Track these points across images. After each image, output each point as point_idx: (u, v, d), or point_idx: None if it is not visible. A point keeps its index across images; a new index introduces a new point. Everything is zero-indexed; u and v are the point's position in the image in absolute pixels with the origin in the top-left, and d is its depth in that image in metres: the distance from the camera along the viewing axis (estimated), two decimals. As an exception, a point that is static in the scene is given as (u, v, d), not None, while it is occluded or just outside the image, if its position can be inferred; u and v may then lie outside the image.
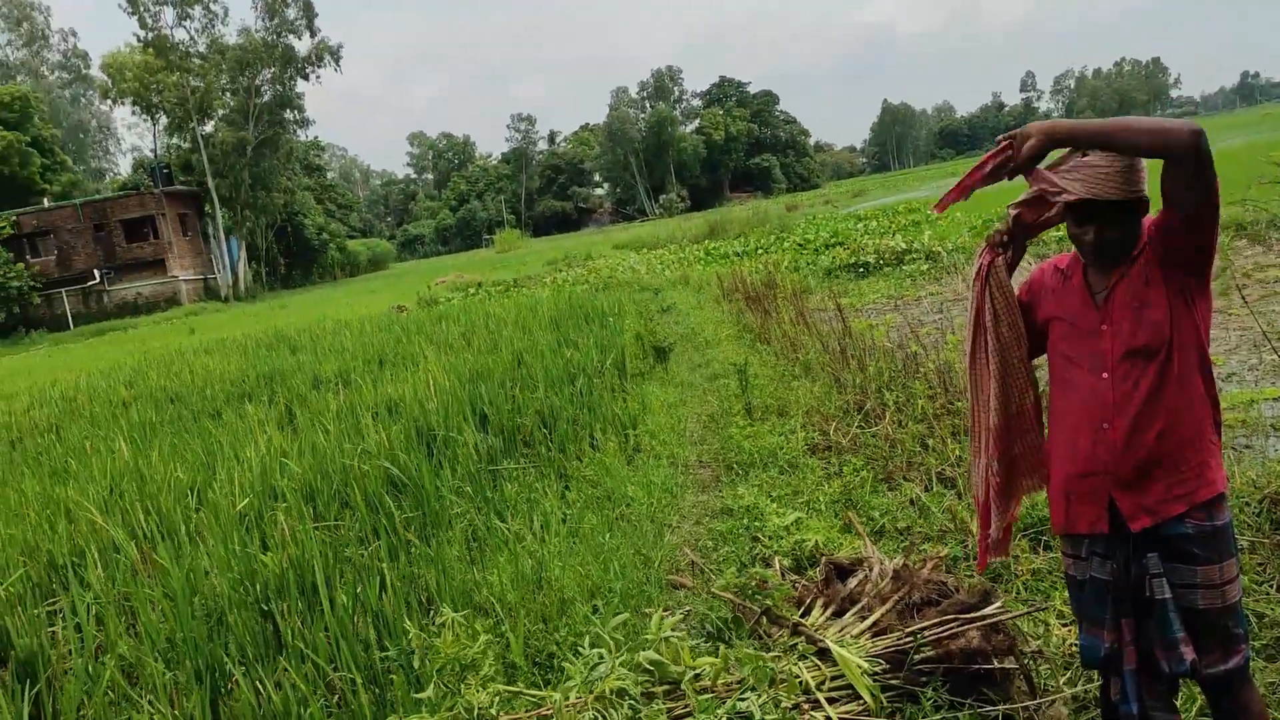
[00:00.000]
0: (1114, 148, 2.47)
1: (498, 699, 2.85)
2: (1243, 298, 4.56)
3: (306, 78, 59.16)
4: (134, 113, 57.68)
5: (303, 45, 59.99)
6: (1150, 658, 2.59)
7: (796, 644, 3.50)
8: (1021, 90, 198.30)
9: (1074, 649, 3.83)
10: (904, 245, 19.52)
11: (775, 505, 5.75)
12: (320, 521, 6.00)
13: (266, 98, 57.97)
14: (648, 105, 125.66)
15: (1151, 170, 2.59)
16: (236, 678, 3.86)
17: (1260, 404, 6.63)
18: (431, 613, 4.71)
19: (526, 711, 2.84)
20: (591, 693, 2.65)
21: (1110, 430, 2.59)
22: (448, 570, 5.06)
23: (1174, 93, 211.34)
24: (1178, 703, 2.89)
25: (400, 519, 5.94)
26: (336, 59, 59.37)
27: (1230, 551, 2.53)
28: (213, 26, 56.77)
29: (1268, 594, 3.88)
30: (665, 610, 4.72)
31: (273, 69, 57.68)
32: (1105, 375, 2.60)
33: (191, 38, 56.56)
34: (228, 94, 57.47)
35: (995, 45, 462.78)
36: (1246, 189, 14.11)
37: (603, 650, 3.11)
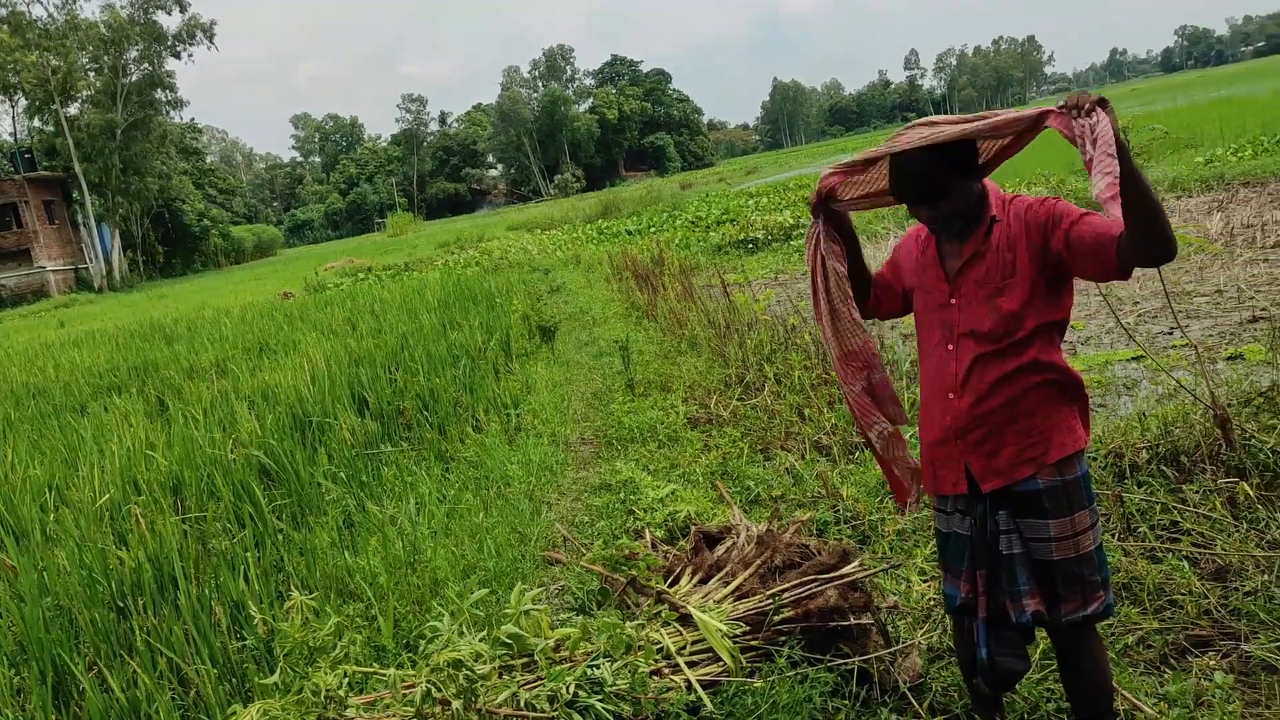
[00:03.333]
0: (1134, 189, 2.17)
1: (347, 680, 2.80)
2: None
3: (178, 56, 56.63)
4: (-10, 94, 54.50)
5: (172, 21, 57.47)
6: (1001, 608, 2.69)
7: (660, 611, 3.53)
8: (906, 68, 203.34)
9: (932, 603, 3.98)
10: (792, 221, 19.83)
11: (651, 479, 5.79)
12: (186, 514, 5.81)
13: (135, 77, 55.25)
14: (540, 85, 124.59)
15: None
16: (78, 677, 3.72)
17: (1114, 365, 6.95)
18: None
19: (381, 691, 2.80)
20: (428, 665, 2.63)
21: (956, 400, 2.65)
22: (318, 556, 4.96)
23: (1048, 69, 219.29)
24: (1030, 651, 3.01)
25: (270, 507, 5.81)
26: (210, 36, 57.00)
27: (1082, 503, 2.59)
28: (74, 2, 53.95)
29: (1109, 543, 4.07)
30: (540, 586, 4.74)
31: (140, 46, 55.01)
32: (951, 348, 2.66)
33: (50, 14, 53.72)
34: (92, 74, 54.61)
35: (881, 24, 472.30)
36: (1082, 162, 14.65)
37: (461, 626, 3.09)
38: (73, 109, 54.49)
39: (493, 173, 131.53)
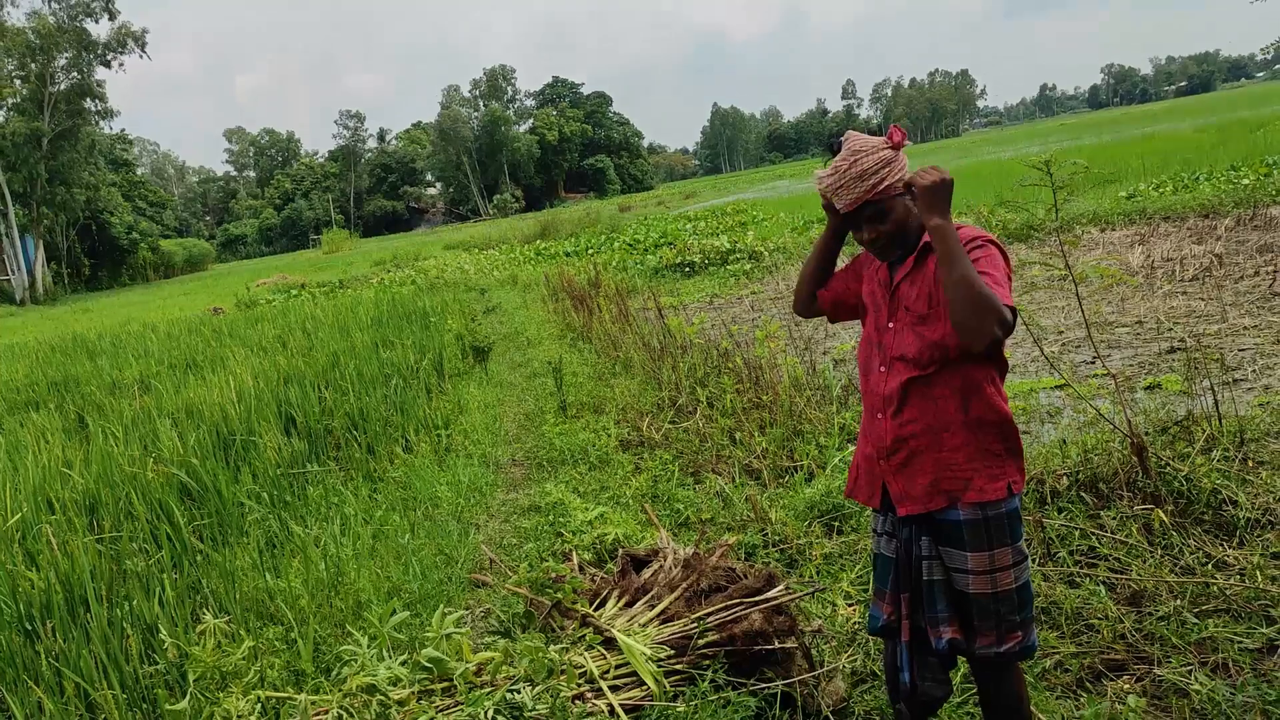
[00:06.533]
0: (947, 270, 2.41)
1: (260, 706, 2.72)
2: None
3: (108, 65, 55.20)
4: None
5: (102, 29, 56.04)
6: (923, 632, 2.70)
7: (585, 635, 3.51)
8: (843, 97, 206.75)
9: (857, 627, 4.01)
10: (729, 245, 19.97)
11: (581, 501, 5.75)
12: (102, 534, 5.63)
13: (63, 86, 53.78)
14: (481, 104, 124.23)
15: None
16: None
17: (1038, 393, 7.10)
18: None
19: (294, 718, 2.73)
20: (340, 690, 2.57)
21: (883, 419, 2.67)
22: (238, 578, 4.84)
23: (980, 103, 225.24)
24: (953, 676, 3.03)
25: (190, 527, 5.65)
26: (141, 45, 55.65)
27: (1004, 541, 2.57)
28: (0, 8, 52.43)
29: (1029, 567, 4.13)
30: (465, 609, 4.68)
31: (69, 54, 53.58)
32: (883, 369, 2.68)
33: (-27, 21, 52.06)
34: (18, 80, 53.01)
35: (819, 54, 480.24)
36: (1013, 195, 15.07)
37: (381, 649, 3.03)
38: (-3, 116, 52.93)
39: (431, 191, 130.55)
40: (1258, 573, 3.72)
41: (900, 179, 2.61)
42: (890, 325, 2.68)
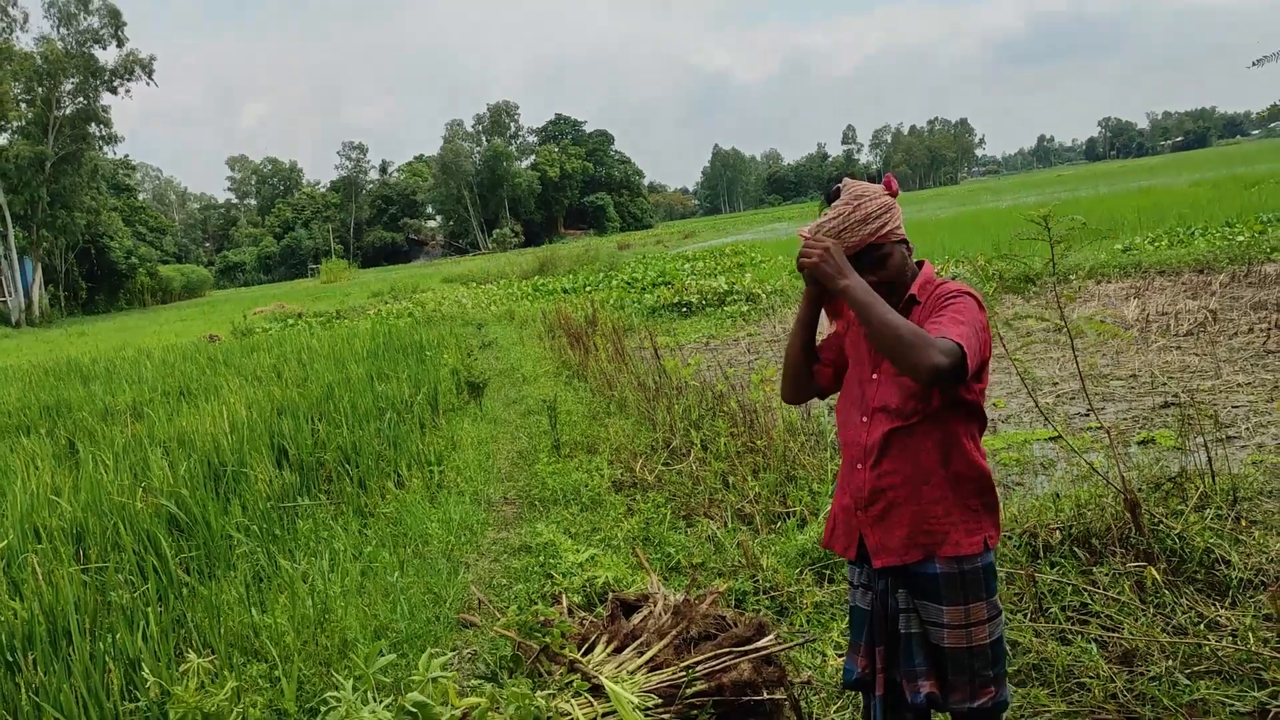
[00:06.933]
0: (865, 325, 2.47)
1: (241, 749, 2.69)
2: (1005, 349, 4.86)
3: (115, 91, 55.51)
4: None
5: (109, 56, 56.42)
6: (898, 687, 2.69)
7: (572, 681, 3.48)
8: (843, 142, 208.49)
9: (846, 678, 3.97)
10: (726, 287, 20.06)
11: (572, 542, 5.72)
12: (88, 564, 5.58)
13: (69, 110, 54.06)
14: (484, 139, 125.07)
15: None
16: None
17: (1032, 444, 7.10)
18: (204, 656, 4.45)
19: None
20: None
21: (862, 470, 2.67)
22: (223, 612, 4.79)
23: (979, 152, 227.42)
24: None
25: (177, 559, 5.61)
26: (149, 72, 56.06)
27: (979, 595, 2.58)
28: (10, 32, 52.80)
29: (1021, 623, 4.11)
30: (452, 650, 4.63)
31: (76, 80, 53.93)
32: (865, 420, 2.68)
33: (-16, 43, 52.39)
34: (24, 104, 53.29)
35: (820, 99, 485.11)
36: (1010, 247, 15.17)
37: (366, 692, 3.00)
38: (1, 139, 53.13)
39: (431, 224, 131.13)
40: (1250, 634, 3.70)
41: (898, 226, 2.65)
42: (874, 377, 2.69)
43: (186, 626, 4.73)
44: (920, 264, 2.75)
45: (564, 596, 4.69)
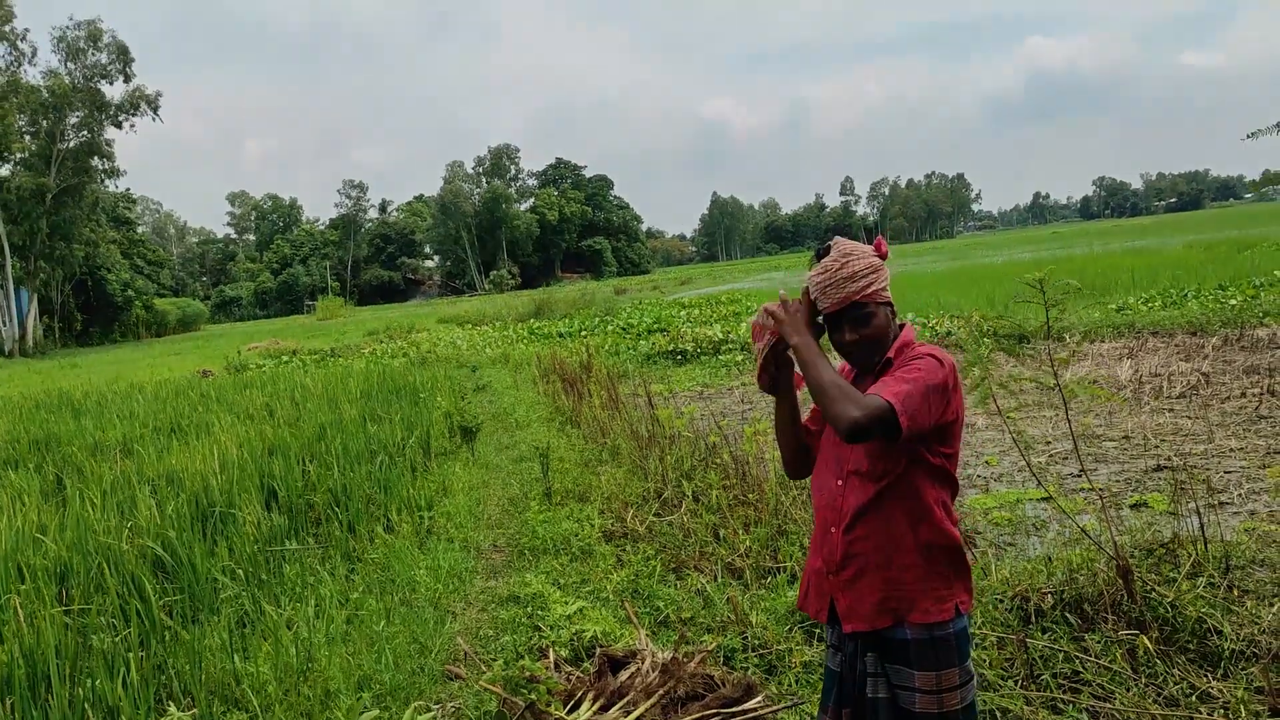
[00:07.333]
0: (805, 381, 2.58)
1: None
2: (998, 408, 4.87)
3: (120, 125, 55.85)
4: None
5: (116, 91, 56.74)
6: None
7: (557, 741, 3.43)
8: (841, 194, 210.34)
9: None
10: (721, 335, 20.10)
11: (561, 594, 5.68)
12: (70, 604, 5.52)
13: (72, 143, 54.36)
14: (484, 181, 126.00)
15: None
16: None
17: (1025, 504, 7.08)
18: (184, 705, 4.39)
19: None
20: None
21: (835, 534, 2.69)
22: (205, 659, 4.73)
23: (975, 207, 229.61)
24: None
25: (161, 603, 5.54)
26: (154, 108, 56.50)
27: (952, 662, 2.57)
28: (18, 66, 53.22)
29: (1012, 690, 4.07)
30: (437, 703, 4.57)
31: (81, 113, 54.26)
32: (839, 482, 2.71)
33: (-9, 74, 52.73)
34: (28, 136, 53.59)
35: (819, 150, 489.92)
36: (1005, 306, 15.24)
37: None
38: (4, 170, 53.34)
39: (429, 263, 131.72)
40: (1241, 707, 3.67)
41: (884, 287, 2.69)
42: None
43: (167, 673, 4.67)
44: (902, 326, 2.78)
45: (551, 650, 4.64)
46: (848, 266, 2.63)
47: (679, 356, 19.07)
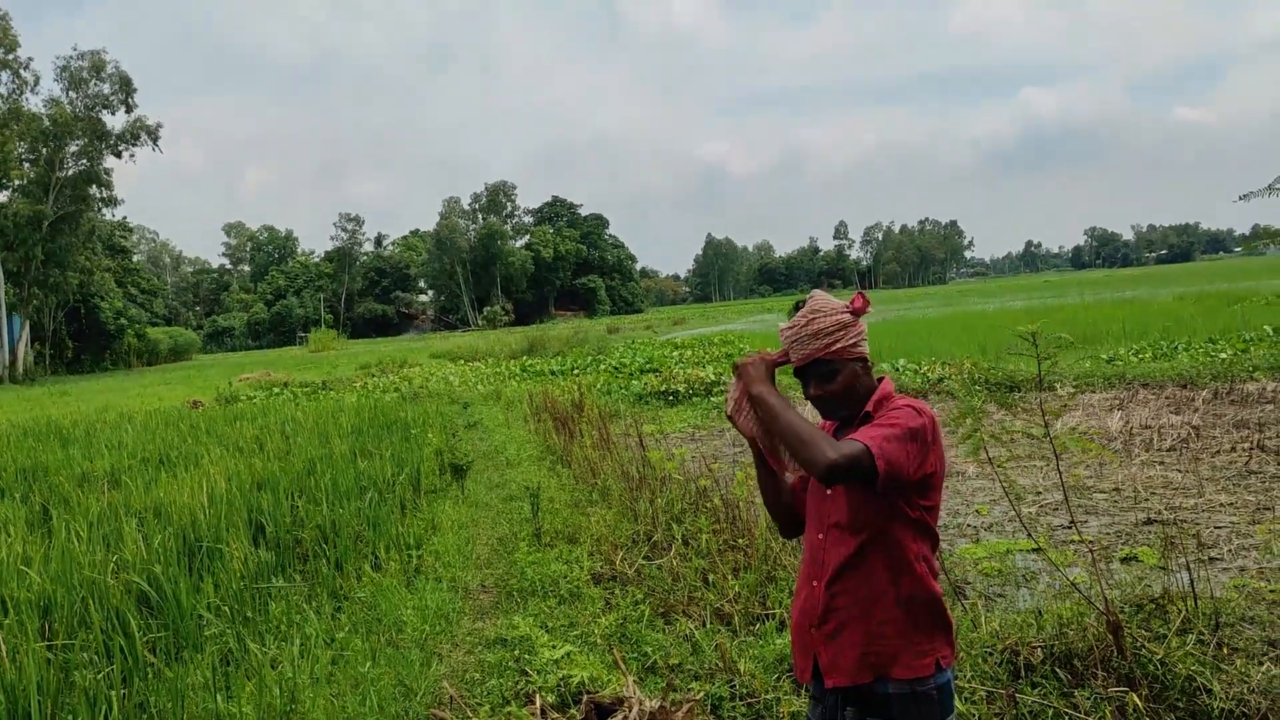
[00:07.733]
0: (773, 429, 2.61)
1: None
2: (989, 457, 4.88)
3: (119, 155, 56.11)
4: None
5: (117, 121, 57.10)
6: None
7: (542, 790, 3.39)
8: (835, 237, 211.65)
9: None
10: (714, 377, 20.11)
11: (549, 637, 5.64)
12: (54, 639, 5.47)
13: (71, 172, 54.55)
14: (480, 217, 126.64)
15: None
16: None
17: (1015, 555, 7.07)
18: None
19: None
20: None
21: (818, 588, 2.69)
22: (187, 698, 4.68)
23: (968, 254, 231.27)
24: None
25: (146, 639, 5.49)
26: (155, 138, 56.82)
27: (934, 717, 2.57)
28: (20, 94, 53.48)
29: (1001, 744, 4.05)
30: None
31: (81, 142, 54.49)
32: (821, 536, 2.72)
33: (-7, 101, 52.99)
34: (27, 164, 53.76)
35: (814, 194, 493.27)
36: (997, 355, 15.30)
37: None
38: (1, 196, 53.47)
39: (423, 298, 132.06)
40: (1232, 769, 3.65)
41: (855, 344, 2.70)
42: (828, 493, 2.72)
43: (149, 711, 4.61)
44: (880, 380, 2.80)
45: (538, 696, 4.61)
46: (813, 324, 2.67)
47: (671, 397, 19.07)
